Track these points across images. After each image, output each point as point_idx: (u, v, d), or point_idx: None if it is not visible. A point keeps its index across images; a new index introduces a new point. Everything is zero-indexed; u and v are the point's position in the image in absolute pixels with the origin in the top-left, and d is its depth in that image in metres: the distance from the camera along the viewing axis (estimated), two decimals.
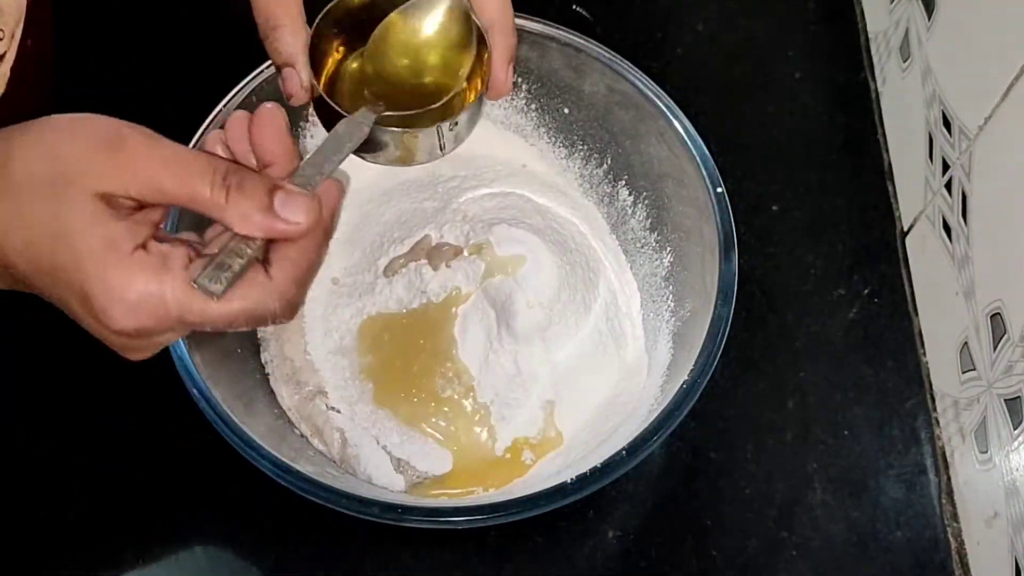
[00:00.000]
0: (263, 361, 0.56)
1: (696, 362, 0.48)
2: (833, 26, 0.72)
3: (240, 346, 0.54)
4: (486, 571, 0.54)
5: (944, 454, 0.58)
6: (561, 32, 0.56)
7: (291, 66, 0.45)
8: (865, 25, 0.72)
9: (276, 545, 0.54)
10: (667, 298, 0.56)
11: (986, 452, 0.53)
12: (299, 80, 0.45)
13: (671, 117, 0.54)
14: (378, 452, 0.53)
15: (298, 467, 0.45)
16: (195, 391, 0.46)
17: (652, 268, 0.58)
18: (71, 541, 0.54)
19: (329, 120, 0.45)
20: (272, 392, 0.55)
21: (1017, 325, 0.50)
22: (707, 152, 0.53)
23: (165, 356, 0.45)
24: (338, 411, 0.54)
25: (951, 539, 0.55)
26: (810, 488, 0.56)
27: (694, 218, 0.54)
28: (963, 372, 0.55)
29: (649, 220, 0.59)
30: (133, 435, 0.56)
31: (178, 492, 0.55)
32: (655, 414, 0.47)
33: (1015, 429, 0.50)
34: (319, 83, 0.45)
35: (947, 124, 0.58)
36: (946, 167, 0.58)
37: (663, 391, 0.51)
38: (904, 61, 0.64)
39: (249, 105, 0.54)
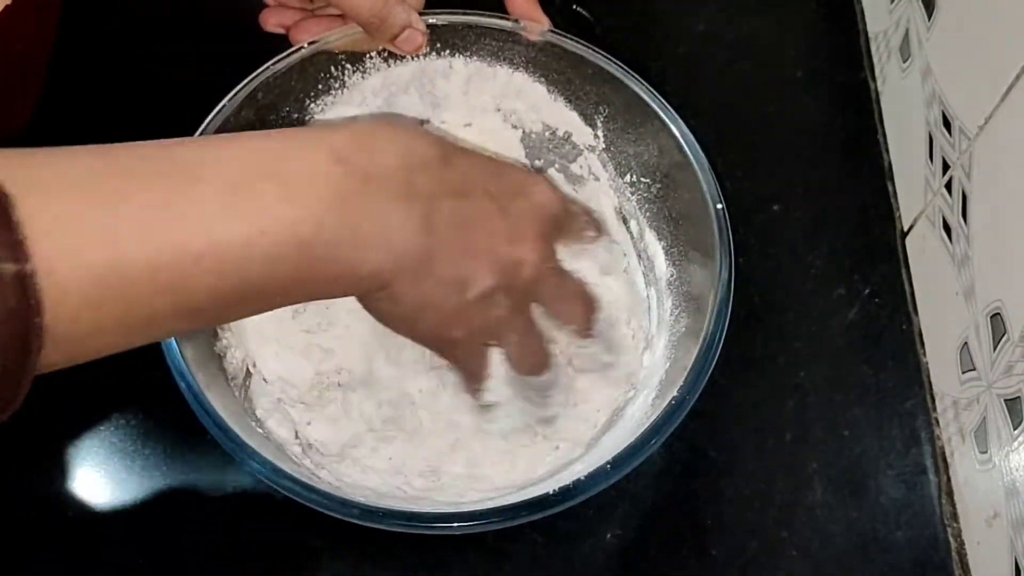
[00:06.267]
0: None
1: (686, 379, 0.48)
2: (833, 26, 0.72)
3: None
4: (486, 571, 0.54)
5: (944, 454, 0.58)
6: (564, 39, 0.56)
7: (408, 27, 0.54)
8: (865, 25, 0.72)
9: (274, 545, 0.54)
10: (664, 311, 0.56)
11: (986, 452, 0.53)
12: (421, 36, 0.55)
13: (672, 128, 0.54)
14: None
15: (282, 465, 0.45)
16: (183, 383, 0.46)
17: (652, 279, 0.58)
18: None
19: None
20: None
21: (1017, 325, 0.50)
22: (709, 166, 0.53)
23: (156, 351, 0.45)
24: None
25: (951, 539, 0.55)
26: (810, 488, 0.56)
27: (693, 232, 0.54)
28: (963, 372, 0.55)
29: (654, 232, 0.58)
30: (121, 433, 0.56)
31: (168, 490, 0.55)
32: (643, 428, 0.47)
33: (1015, 429, 0.50)
34: None
35: (947, 124, 0.58)
36: (946, 167, 0.58)
37: (654, 406, 0.50)
38: (904, 61, 0.64)
39: (252, 103, 0.54)
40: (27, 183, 0.31)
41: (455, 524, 0.44)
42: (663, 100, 0.55)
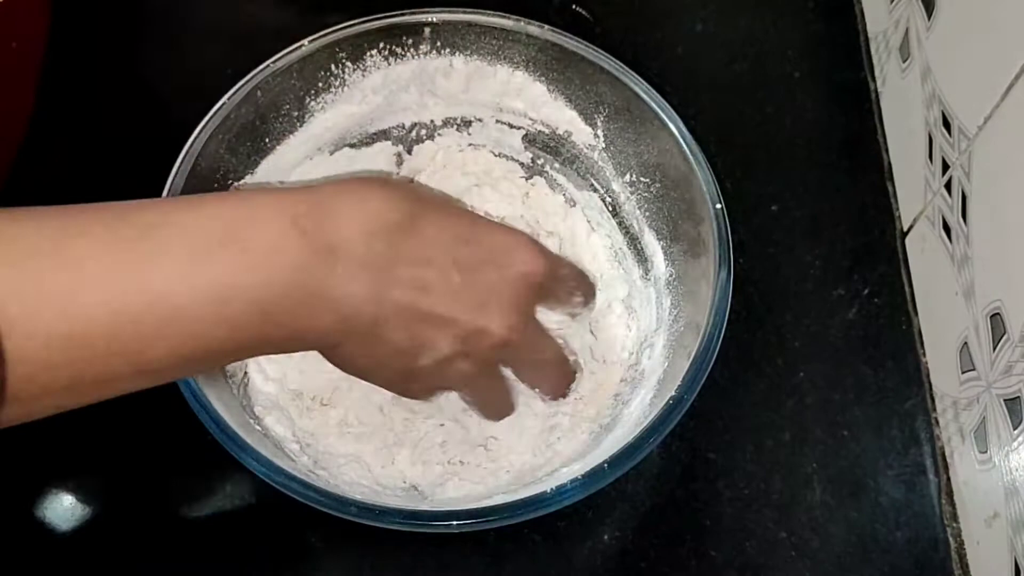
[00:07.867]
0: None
1: (684, 378, 0.48)
2: (833, 26, 0.72)
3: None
4: (485, 571, 0.54)
5: (944, 454, 0.58)
6: (564, 39, 0.56)
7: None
8: (865, 25, 0.72)
9: (274, 544, 0.54)
10: (663, 310, 0.56)
11: (986, 452, 0.53)
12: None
13: (672, 128, 0.54)
14: None
15: (279, 463, 0.45)
16: (181, 381, 0.46)
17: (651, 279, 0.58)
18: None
19: None
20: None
21: (1017, 325, 0.49)
22: (708, 166, 0.53)
23: None
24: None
25: (951, 539, 0.55)
26: (809, 488, 0.56)
27: (692, 232, 0.54)
28: (963, 372, 0.55)
29: (654, 232, 0.58)
30: (120, 433, 0.56)
31: (168, 490, 0.55)
32: (641, 427, 0.47)
33: (1015, 429, 0.50)
34: None
35: (947, 124, 0.58)
36: (946, 167, 0.58)
37: (652, 405, 0.50)
38: (904, 61, 0.64)
39: (253, 100, 0.54)
40: None
41: (453, 522, 0.44)
42: (663, 100, 0.55)
